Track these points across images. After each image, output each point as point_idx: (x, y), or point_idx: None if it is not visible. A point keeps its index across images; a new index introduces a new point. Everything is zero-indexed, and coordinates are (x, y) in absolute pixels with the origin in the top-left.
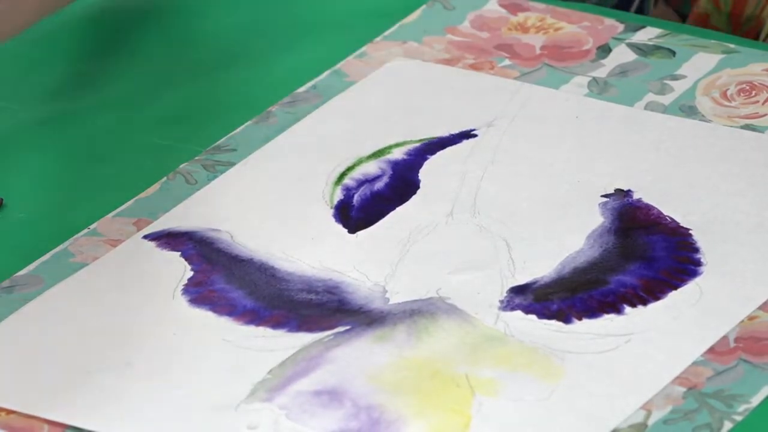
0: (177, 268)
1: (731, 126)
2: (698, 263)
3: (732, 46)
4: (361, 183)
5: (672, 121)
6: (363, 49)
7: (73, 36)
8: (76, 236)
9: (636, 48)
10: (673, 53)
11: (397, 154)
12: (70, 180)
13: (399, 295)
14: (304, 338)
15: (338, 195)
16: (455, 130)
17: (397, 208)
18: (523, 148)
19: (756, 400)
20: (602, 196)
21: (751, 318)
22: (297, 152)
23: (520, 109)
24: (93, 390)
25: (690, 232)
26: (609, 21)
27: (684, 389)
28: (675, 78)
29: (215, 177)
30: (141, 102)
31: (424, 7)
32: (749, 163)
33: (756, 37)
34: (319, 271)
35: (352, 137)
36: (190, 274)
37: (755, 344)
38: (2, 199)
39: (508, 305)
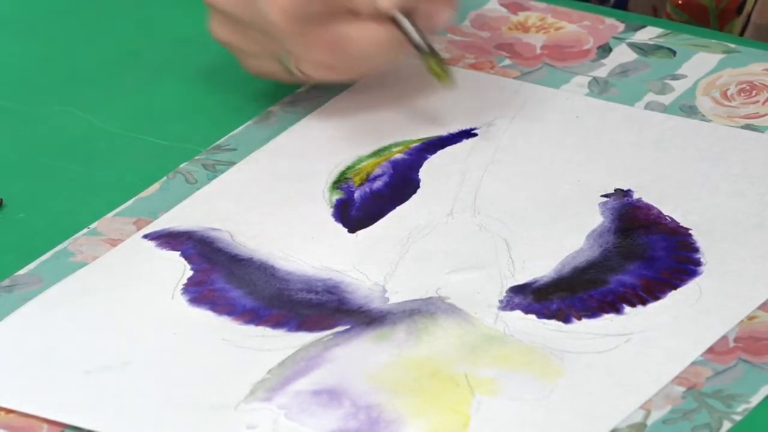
0: (176, 267)
1: (731, 126)
2: (698, 263)
3: (732, 46)
4: (360, 182)
5: (672, 120)
6: None
7: (73, 36)
8: (76, 236)
9: (636, 48)
10: (674, 53)
11: (397, 153)
12: (70, 180)
13: (398, 294)
14: (304, 338)
15: (338, 194)
16: (455, 130)
17: (397, 208)
18: (523, 148)
19: (755, 400)
20: (602, 195)
21: (750, 318)
22: (297, 152)
23: (520, 109)
24: (93, 390)
25: (690, 232)
26: (609, 20)
27: (683, 389)
28: (675, 78)
29: (215, 177)
30: (141, 102)
31: None
32: (749, 163)
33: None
34: (318, 270)
35: (352, 137)
36: (190, 273)
37: (754, 344)
38: (2, 199)
39: (507, 305)
